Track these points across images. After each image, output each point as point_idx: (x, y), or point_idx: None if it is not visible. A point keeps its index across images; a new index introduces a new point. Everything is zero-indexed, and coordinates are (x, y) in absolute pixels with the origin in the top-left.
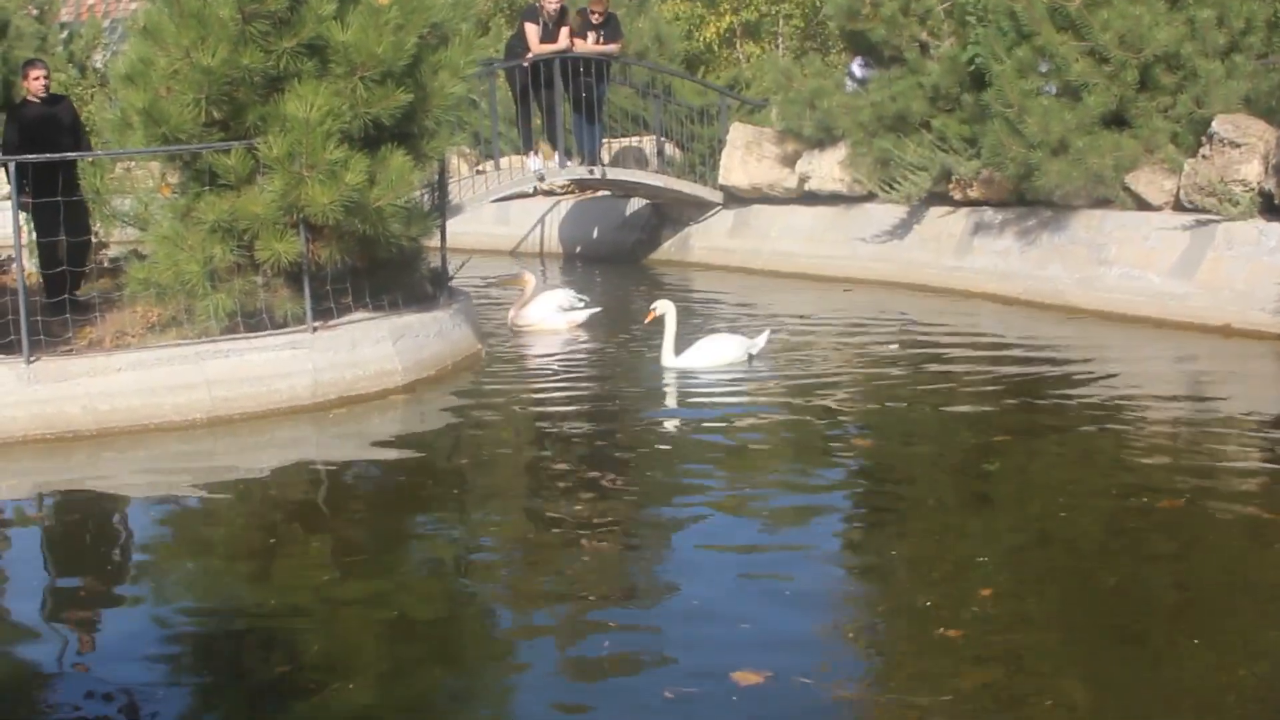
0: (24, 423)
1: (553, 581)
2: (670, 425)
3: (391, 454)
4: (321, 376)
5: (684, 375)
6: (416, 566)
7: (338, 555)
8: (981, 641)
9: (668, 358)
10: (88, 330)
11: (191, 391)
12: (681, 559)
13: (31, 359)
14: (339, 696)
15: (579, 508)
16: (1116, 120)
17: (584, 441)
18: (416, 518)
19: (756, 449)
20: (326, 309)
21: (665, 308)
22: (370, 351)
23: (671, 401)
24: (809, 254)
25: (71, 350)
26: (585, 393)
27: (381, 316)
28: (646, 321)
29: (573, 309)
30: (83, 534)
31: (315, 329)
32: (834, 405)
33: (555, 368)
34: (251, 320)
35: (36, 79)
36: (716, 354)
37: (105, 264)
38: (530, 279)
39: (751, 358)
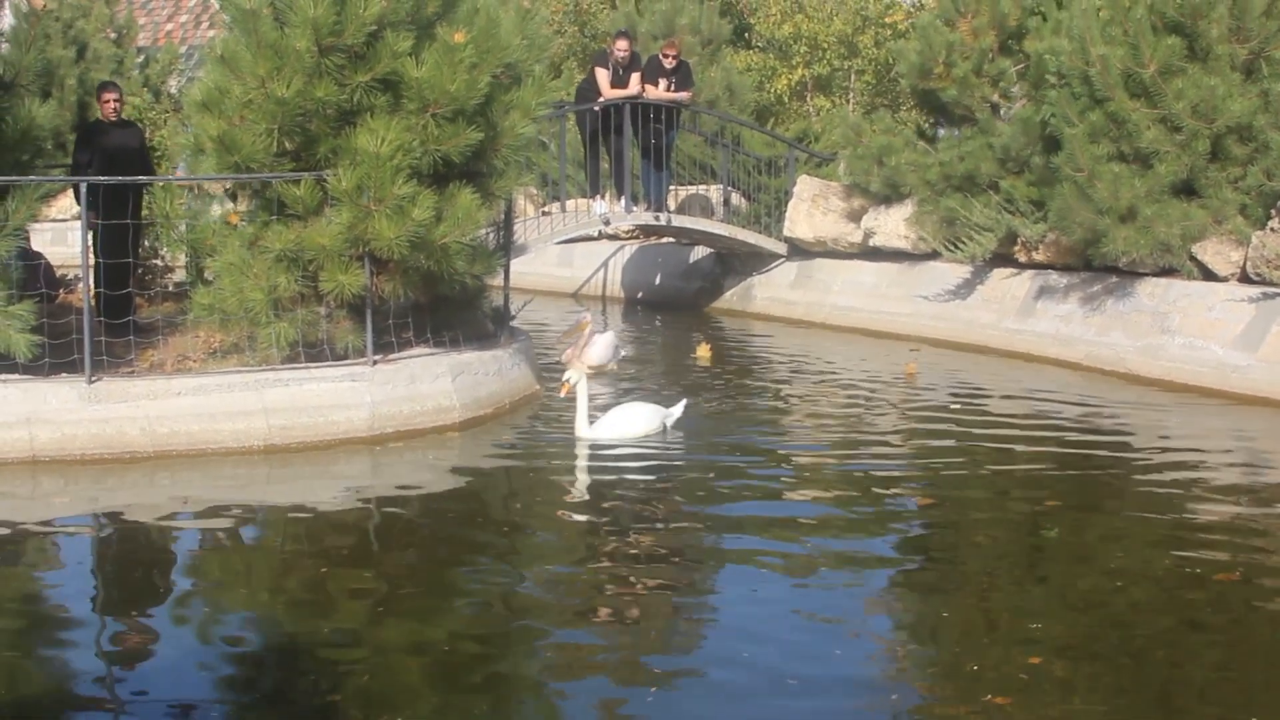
0: (83, 441)
1: (599, 628)
2: (728, 476)
3: (445, 491)
4: (379, 410)
5: (607, 444)
6: (465, 604)
7: (388, 588)
8: (1030, 709)
9: (582, 428)
10: (149, 353)
11: (250, 419)
12: (730, 613)
13: (93, 379)
14: None
15: (629, 558)
16: (1186, 189)
17: (637, 492)
18: (466, 555)
19: (809, 509)
20: (387, 343)
21: (577, 377)
22: (429, 387)
23: (729, 453)
24: (871, 310)
25: (133, 372)
26: (639, 441)
27: (441, 353)
28: (563, 395)
29: (620, 348)
30: (135, 555)
31: (375, 362)
32: (889, 464)
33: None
34: (312, 350)
35: (108, 101)
36: (629, 424)
37: (170, 288)
38: (588, 320)
39: (667, 428)
